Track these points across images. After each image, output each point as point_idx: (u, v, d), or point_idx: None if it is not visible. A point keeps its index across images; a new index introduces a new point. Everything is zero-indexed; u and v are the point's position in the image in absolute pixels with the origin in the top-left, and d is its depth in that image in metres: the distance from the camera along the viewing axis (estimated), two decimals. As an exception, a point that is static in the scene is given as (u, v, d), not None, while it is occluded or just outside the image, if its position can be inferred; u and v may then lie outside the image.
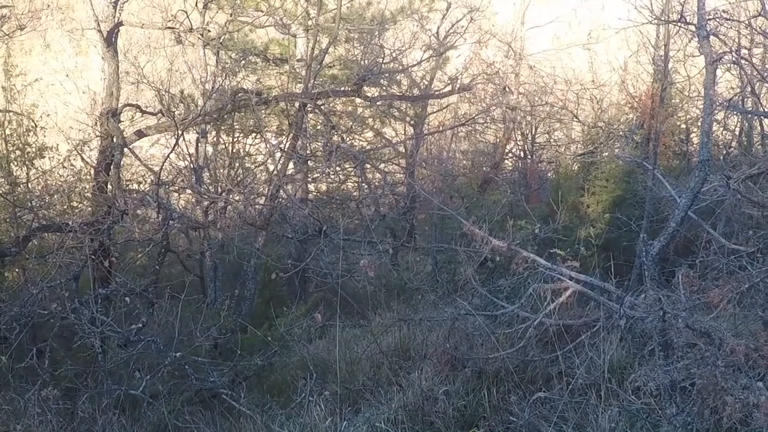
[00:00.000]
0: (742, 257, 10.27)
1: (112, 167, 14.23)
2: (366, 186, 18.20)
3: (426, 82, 21.65)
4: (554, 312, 10.44)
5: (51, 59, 22.49)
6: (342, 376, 10.52)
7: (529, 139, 25.44)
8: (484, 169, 24.13)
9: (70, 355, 11.92)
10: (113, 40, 14.64)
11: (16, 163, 15.17)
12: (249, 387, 11.59)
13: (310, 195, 20.14)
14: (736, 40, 14.59)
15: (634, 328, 9.81)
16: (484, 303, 11.63)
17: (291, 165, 17.12)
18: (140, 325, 11.65)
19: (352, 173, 19.36)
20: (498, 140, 25.02)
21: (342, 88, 17.30)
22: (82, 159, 14.78)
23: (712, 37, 9.50)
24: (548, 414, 8.41)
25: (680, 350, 7.78)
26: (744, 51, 13.32)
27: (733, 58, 9.91)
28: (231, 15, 16.33)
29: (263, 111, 17.02)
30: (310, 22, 17.35)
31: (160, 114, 15.89)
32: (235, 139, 19.09)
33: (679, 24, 10.05)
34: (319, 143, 18.51)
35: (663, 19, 14.91)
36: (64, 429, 9.92)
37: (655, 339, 8.19)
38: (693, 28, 9.32)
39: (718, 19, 9.68)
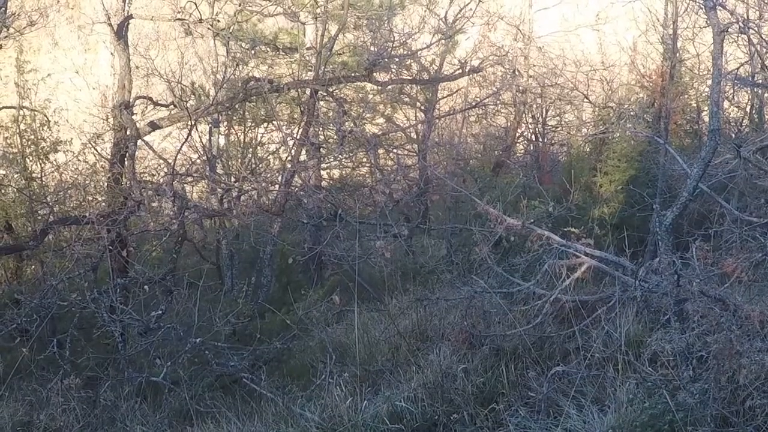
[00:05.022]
0: (755, 229, 10.31)
1: (126, 159, 14.33)
2: (378, 172, 18.27)
3: (436, 67, 21.67)
4: (570, 288, 10.50)
5: (60, 56, 22.53)
6: (361, 358, 10.62)
7: (540, 121, 25.43)
8: (496, 152, 24.13)
9: (91, 344, 12.04)
10: (123, 32, 14.72)
11: (30, 158, 15.26)
12: (269, 371, 11.67)
13: (323, 182, 20.20)
14: (744, 14, 14.61)
15: (650, 301, 9.85)
16: (499, 282, 11.70)
17: (303, 152, 17.18)
18: (160, 312, 11.74)
19: (365, 159, 19.43)
20: (509, 124, 25.02)
21: (353, 74, 17.36)
22: (97, 152, 14.86)
23: (720, 10, 9.53)
24: (566, 388, 8.47)
25: (695, 320, 7.82)
26: (752, 23, 13.30)
27: (741, 28, 9.96)
28: (240, 5, 16.36)
29: (275, 99, 17.08)
30: (318, 10, 17.36)
31: (172, 105, 15.97)
32: (247, 129, 19.16)
33: (685, -4, 10.08)
34: (331, 130, 18.59)
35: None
36: (87, 416, 10.03)
37: (670, 308, 8.25)
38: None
39: (725, -10, 9.73)
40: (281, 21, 19.13)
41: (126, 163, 14.31)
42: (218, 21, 15.69)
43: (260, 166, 17.85)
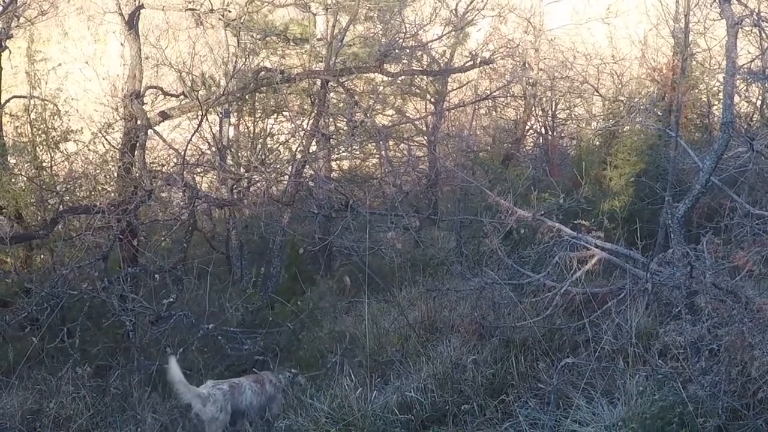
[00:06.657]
0: (766, 222, 10.30)
1: (136, 149, 14.34)
2: (388, 163, 18.27)
3: (446, 59, 21.65)
4: (580, 280, 10.49)
5: (70, 47, 22.47)
6: (370, 349, 10.61)
7: (550, 114, 25.40)
8: (506, 145, 24.11)
9: (101, 333, 12.05)
10: (134, 22, 14.73)
11: (41, 147, 15.26)
12: (279, 360, 11.68)
13: (333, 173, 20.21)
14: (757, 7, 14.55)
15: (660, 294, 9.85)
16: (509, 273, 11.68)
17: (314, 143, 17.19)
18: (171, 300, 11.76)
19: (375, 150, 19.45)
20: (519, 116, 24.99)
21: (364, 65, 17.36)
22: (107, 141, 14.87)
23: (733, 3, 9.50)
24: (576, 380, 8.49)
25: (707, 312, 7.82)
26: (765, 15, 13.27)
27: (754, 21, 9.94)
28: (251, -5, 16.36)
29: (285, 89, 17.08)
30: (329, 1, 17.37)
31: (182, 95, 15.98)
32: (257, 119, 19.16)
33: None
34: (342, 121, 18.60)
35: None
36: (97, 405, 10.04)
37: (681, 300, 8.24)
38: (714, -9, 9.35)
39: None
40: (292, 11, 19.13)
41: (136, 152, 14.33)
42: (229, 11, 15.67)
43: (270, 156, 17.84)
